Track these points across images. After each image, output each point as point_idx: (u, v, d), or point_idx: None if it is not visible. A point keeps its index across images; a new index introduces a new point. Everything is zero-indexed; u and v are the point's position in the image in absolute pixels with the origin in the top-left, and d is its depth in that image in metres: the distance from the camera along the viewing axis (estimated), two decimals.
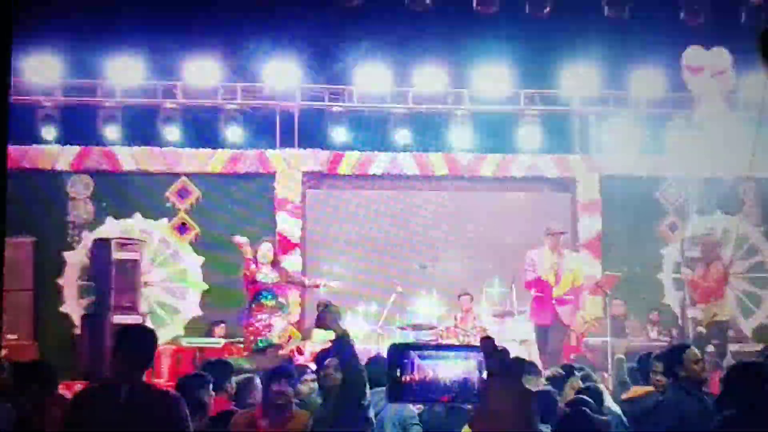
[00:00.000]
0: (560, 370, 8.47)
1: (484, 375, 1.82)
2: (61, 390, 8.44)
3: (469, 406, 1.85)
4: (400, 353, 1.84)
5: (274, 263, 11.43)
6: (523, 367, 1.85)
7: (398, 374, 1.83)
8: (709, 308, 13.11)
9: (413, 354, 1.83)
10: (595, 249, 15.79)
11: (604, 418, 6.42)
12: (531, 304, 12.27)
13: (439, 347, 1.89)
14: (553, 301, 11.85)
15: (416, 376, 1.82)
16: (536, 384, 7.79)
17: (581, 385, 7.90)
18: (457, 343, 13.19)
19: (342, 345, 6.74)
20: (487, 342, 1.83)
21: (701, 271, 13.27)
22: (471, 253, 15.79)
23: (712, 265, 13.19)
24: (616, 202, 15.88)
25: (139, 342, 5.52)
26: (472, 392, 1.81)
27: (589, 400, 6.54)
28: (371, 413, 6.73)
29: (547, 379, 8.31)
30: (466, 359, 1.83)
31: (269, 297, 11.22)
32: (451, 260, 15.74)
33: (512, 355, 1.87)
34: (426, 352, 1.84)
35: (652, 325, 14.74)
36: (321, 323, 6.91)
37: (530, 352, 12.37)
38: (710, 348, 12.29)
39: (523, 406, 1.76)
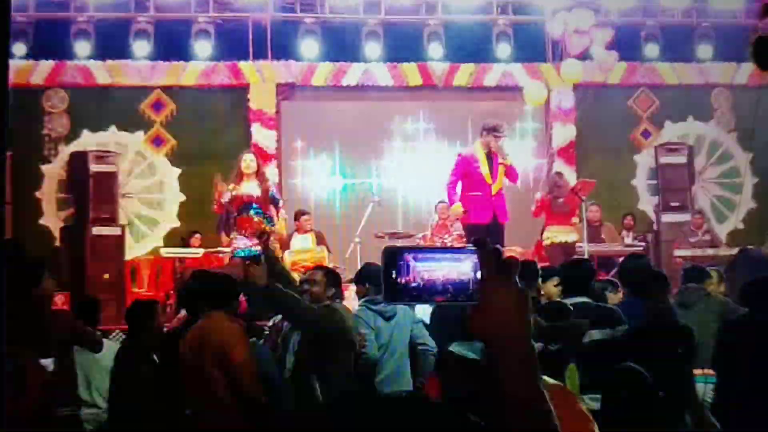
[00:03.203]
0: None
1: (479, 275, 1.85)
2: None
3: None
4: (394, 256, 1.86)
5: (259, 174, 11.39)
6: (517, 266, 1.88)
7: (393, 276, 1.87)
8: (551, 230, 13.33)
9: (408, 256, 1.85)
10: (569, 156, 15.91)
11: None
12: (464, 204, 11.75)
13: (433, 249, 1.92)
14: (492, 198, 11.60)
15: (411, 278, 1.85)
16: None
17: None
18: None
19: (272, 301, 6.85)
20: (482, 243, 1.86)
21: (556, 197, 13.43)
22: (446, 163, 15.87)
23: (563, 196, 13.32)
24: (590, 111, 15.99)
25: None
26: (467, 292, 1.84)
27: None
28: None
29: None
30: (460, 261, 1.85)
31: (251, 211, 11.17)
32: (427, 169, 15.85)
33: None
34: (420, 254, 1.86)
35: (627, 231, 14.88)
36: (249, 275, 6.92)
37: None
38: None
39: (519, 305, 1.80)
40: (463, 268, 1.86)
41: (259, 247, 11.08)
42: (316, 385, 6.57)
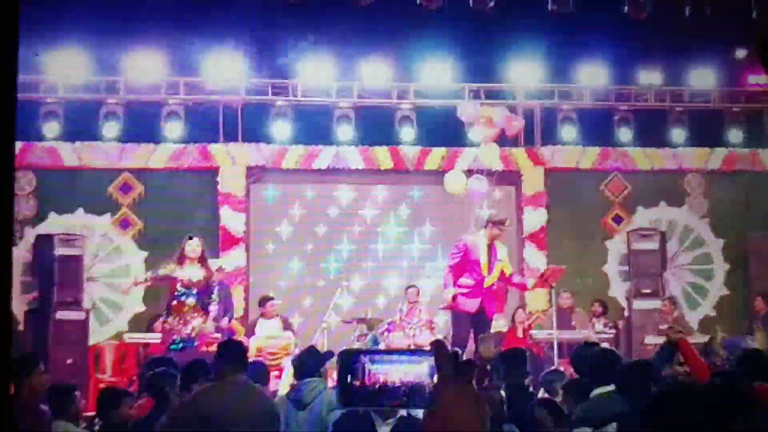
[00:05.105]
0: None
1: (435, 379, 1.78)
2: None
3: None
4: (350, 358, 1.80)
5: (201, 260, 11.26)
6: (474, 370, 1.82)
7: (349, 379, 1.80)
8: None
9: (364, 359, 1.79)
10: (539, 241, 15.85)
11: None
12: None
13: (389, 352, 1.87)
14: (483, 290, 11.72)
15: (367, 381, 1.78)
16: None
17: None
18: (405, 339, 13.26)
19: None
20: (438, 345, 1.80)
21: None
22: (417, 246, 15.87)
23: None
24: (561, 196, 15.97)
25: None
26: (423, 396, 1.78)
27: None
28: None
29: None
30: (417, 363, 1.80)
31: (189, 297, 11.01)
32: (398, 253, 15.82)
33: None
34: (377, 357, 1.81)
35: (597, 317, 14.77)
36: None
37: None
38: None
39: (476, 409, 1.73)
40: (420, 370, 1.80)
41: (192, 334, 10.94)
42: None
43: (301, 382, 7.37)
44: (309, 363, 7.73)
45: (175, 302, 10.93)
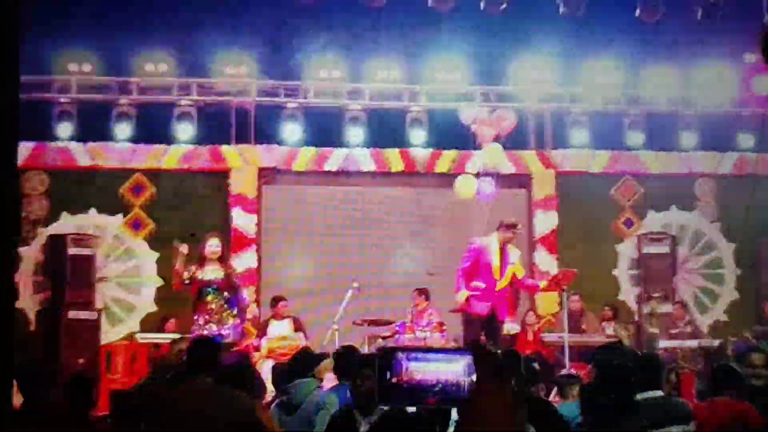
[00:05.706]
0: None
1: (473, 378, 1.79)
2: None
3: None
4: (389, 356, 1.83)
5: (221, 259, 11.31)
6: (512, 370, 1.84)
7: (387, 376, 1.82)
8: None
9: (402, 356, 1.82)
10: (550, 245, 15.83)
11: None
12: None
13: (428, 350, 1.88)
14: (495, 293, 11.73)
15: (404, 378, 1.80)
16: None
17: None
18: (416, 341, 13.22)
19: None
20: (478, 346, 1.82)
21: None
22: (428, 249, 15.84)
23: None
24: (572, 199, 15.94)
25: None
26: (458, 394, 1.80)
27: None
28: None
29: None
30: (454, 362, 1.82)
31: (214, 293, 11.08)
32: (409, 256, 15.81)
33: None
34: (414, 355, 1.83)
35: (607, 322, 14.73)
36: None
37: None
38: None
39: (513, 409, 1.74)
40: (456, 368, 1.84)
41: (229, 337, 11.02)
42: None
43: (290, 385, 7.32)
44: (302, 364, 7.72)
45: (200, 301, 11.02)
